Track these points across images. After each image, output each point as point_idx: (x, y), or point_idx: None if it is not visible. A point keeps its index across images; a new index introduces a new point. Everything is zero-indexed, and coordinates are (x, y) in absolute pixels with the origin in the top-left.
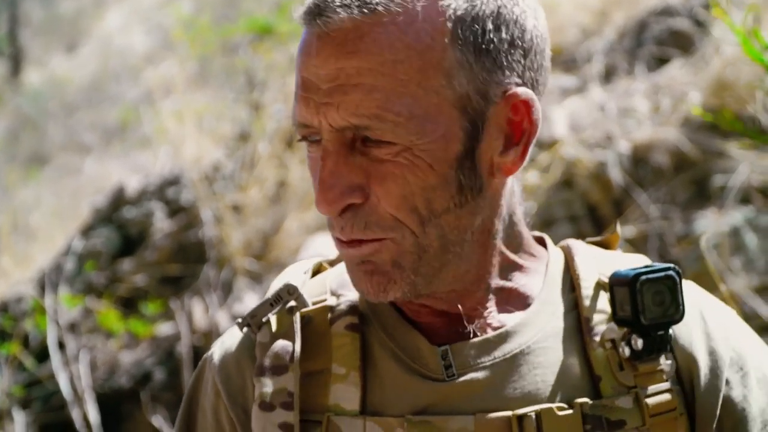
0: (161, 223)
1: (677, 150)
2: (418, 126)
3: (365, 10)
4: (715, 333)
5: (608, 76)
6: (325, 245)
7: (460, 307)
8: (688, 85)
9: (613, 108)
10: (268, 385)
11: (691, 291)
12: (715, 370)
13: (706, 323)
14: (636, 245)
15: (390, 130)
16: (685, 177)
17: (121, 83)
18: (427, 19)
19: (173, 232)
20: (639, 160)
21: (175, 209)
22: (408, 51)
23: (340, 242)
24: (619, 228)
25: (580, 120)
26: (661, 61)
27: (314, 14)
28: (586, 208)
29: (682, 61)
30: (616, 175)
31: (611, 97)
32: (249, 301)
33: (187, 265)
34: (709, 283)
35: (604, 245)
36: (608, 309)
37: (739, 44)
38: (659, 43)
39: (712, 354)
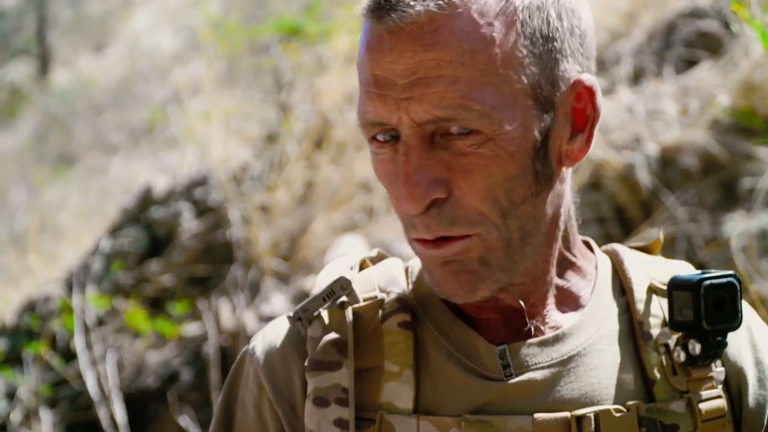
0: (189, 224)
1: (705, 152)
2: (500, 115)
3: (441, 2)
4: (762, 345)
5: (636, 78)
6: (352, 247)
7: (523, 303)
8: (717, 87)
9: (641, 110)
10: (321, 381)
11: None
12: (762, 381)
13: (752, 333)
14: (664, 248)
15: (476, 120)
16: (713, 179)
17: (149, 83)
18: (498, 9)
19: (201, 232)
20: (667, 162)
21: (202, 210)
22: (484, 41)
23: (423, 243)
24: (661, 234)
25: (608, 122)
26: (689, 63)
27: (387, 9)
28: (613, 210)
29: (711, 63)
30: (644, 177)
31: (639, 99)
32: (276, 301)
33: (214, 265)
34: None
35: (646, 251)
36: (661, 313)
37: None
38: (688, 45)
39: (759, 364)
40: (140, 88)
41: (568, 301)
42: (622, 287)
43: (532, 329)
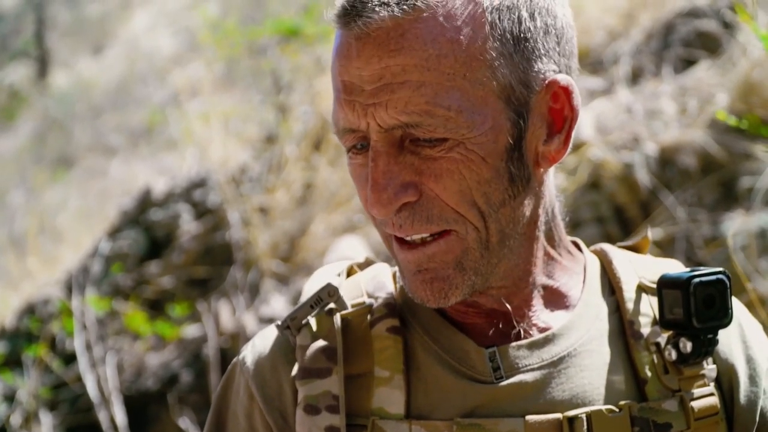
0: (188, 225)
1: (704, 152)
2: (468, 119)
3: (405, 8)
4: (752, 341)
5: (635, 77)
6: (351, 248)
7: (508, 305)
8: (715, 87)
9: (640, 110)
10: (311, 389)
11: None
12: (754, 378)
13: (743, 331)
14: (663, 247)
15: (441, 125)
16: (712, 179)
17: (148, 85)
18: (465, 12)
19: (200, 234)
20: (666, 162)
21: (201, 211)
22: (451, 45)
23: (401, 245)
24: (650, 233)
25: (607, 122)
26: (687, 63)
27: (352, 16)
28: (613, 209)
29: (709, 62)
30: (643, 176)
31: (638, 98)
32: (276, 303)
33: (213, 267)
34: (736, 285)
35: (635, 249)
36: (651, 312)
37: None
38: (686, 45)
39: (750, 361)
40: (139, 90)
41: (557, 301)
42: (611, 287)
43: (521, 331)
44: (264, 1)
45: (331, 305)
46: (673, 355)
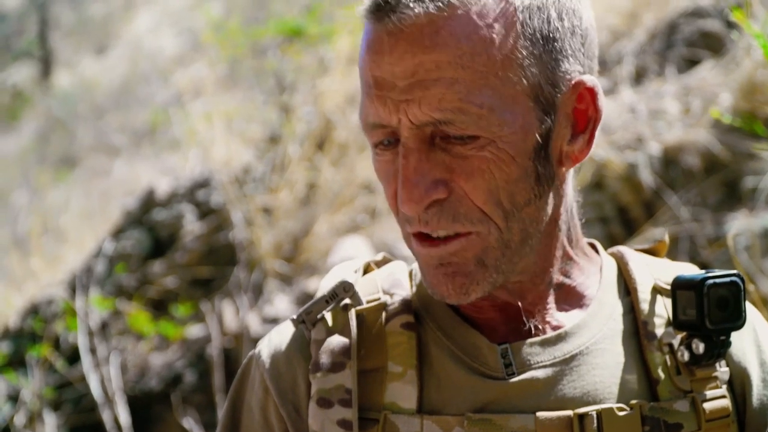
0: (191, 226)
1: (708, 152)
2: (499, 117)
3: (440, 4)
4: (766, 345)
5: (638, 77)
6: (354, 248)
7: (521, 301)
8: (719, 87)
9: (644, 110)
10: (325, 382)
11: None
12: (767, 381)
13: (757, 335)
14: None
15: (474, 123)
16: (715, 179)
17: (151, 85)
18: (498, 10)
19: (203, 234)
20: (669, 162)
21: (205, 211)
22: (484, 43)
23: (421, 241)
24: (666, 237)
25: (611, 122)
26: (691, 63)
27: (386, 11)
28: (616, 209)
29: (713, 62)
30: (646, 176)
31: (641, 98)
32: (279, 303)
33: (217, 267)
34: None
35: (652, 253)
36: (665, 313)
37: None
38: (689, 45)
39: (764, 365)
40: (142, 90)
41: (572, 300)
42: (627, 288)
43: (533, 328)
44: (267, 1)
45: (347, 301)
46: (686, 356)
